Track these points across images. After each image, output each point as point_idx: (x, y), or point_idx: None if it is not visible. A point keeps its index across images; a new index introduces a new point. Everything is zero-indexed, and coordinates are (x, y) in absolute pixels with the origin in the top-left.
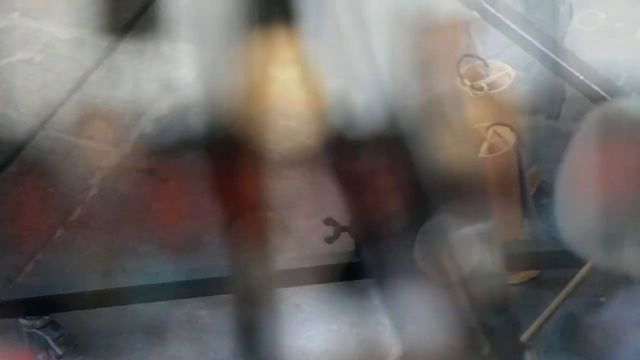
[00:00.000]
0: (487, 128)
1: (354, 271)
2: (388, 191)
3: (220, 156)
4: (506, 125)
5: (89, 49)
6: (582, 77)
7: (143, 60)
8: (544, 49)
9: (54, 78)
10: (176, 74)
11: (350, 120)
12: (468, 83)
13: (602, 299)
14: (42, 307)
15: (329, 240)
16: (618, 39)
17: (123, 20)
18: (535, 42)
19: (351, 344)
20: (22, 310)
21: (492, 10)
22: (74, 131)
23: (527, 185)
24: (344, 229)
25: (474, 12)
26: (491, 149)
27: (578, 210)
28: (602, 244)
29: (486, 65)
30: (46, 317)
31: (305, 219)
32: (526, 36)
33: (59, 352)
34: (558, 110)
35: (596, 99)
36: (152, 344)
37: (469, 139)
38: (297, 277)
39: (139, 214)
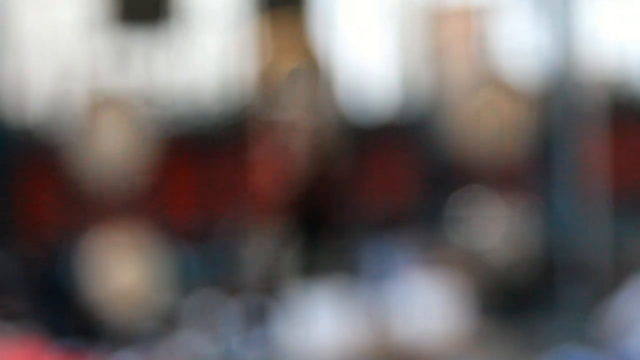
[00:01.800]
0: None
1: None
2: (396, 184)
3: (234, 145)
4: None
5: (101, 35)
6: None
7: (155, 47)
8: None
9: (66, 64)
10: (187, 61)
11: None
12: None
13: None
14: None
15: None
16: (630, 26)
17: (135, 7)
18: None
19: (357, 333)
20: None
21: None
22: (86, 117)
23: None
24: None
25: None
26: None
27: None
28: None
29: None
30: None
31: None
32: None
33: None
34: None
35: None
36: (165, 331)
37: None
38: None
39: (153, 202)
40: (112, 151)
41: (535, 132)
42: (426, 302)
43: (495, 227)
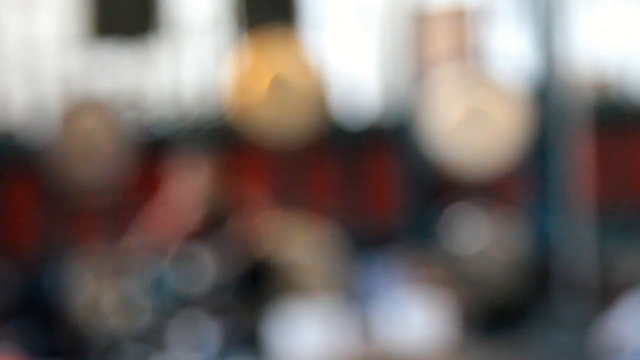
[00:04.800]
0: None
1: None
2: (382, 198)
3: (217, 151)
4: None
5: (76, 45)
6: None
7: (138, 56)
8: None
9: (42, 73)
10: (169, 69)
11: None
12: None
13: None
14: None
15: None
16: (613, 34)
17: (118, 17)
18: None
19: (343, 350)
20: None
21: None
22: (63, 125)
23: None
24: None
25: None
26: None
27: None
28: None
29: None
30: None
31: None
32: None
33: None
34: None
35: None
36: (150, 349)
37: None
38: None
39: (134, 213)
40: (91, 157)
41: (523, 137)
42: (413, 318)
43: (482, 241)
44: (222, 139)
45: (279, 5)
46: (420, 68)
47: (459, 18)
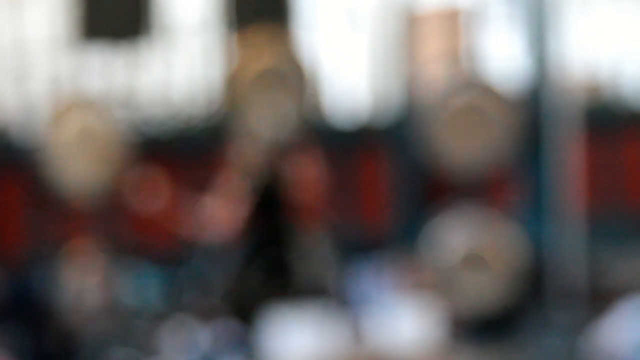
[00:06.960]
0: None
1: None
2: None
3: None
4: None
5: (66, 45)
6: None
7: (130, 56)
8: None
9: (33, 73)
10: (153, 69)
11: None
12: None
13: None
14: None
15: None
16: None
17: (100, 19)
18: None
19: (332, 355)
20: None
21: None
22: (54, 124)
23: None
24: None
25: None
26: None
27: None
28: None
29: None
30: None
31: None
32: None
33: None
34: None
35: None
36: (140, 352)
37: None
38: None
39: (126, 215)
40: (82, 156)
41: (515, 140)
42: (403, 322)
43: (473, 246)
44: (212, 139)
45: (269, 6)
46: (412, 69)
47: (452, 19)
